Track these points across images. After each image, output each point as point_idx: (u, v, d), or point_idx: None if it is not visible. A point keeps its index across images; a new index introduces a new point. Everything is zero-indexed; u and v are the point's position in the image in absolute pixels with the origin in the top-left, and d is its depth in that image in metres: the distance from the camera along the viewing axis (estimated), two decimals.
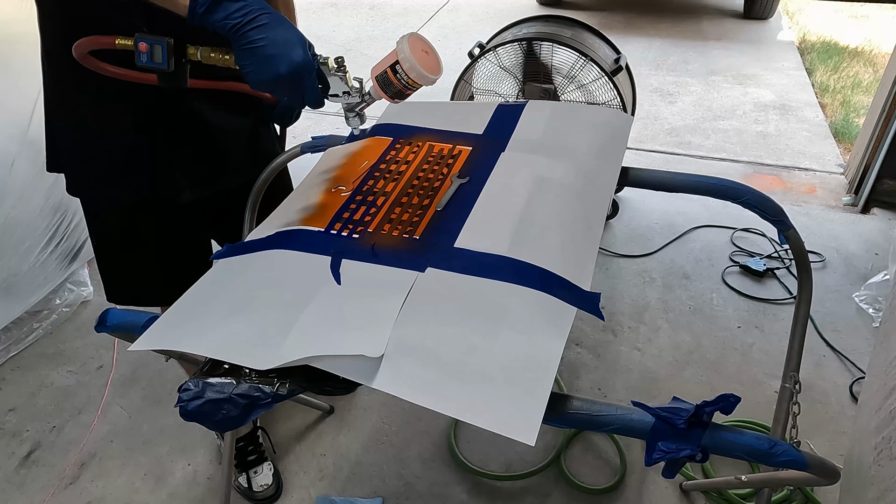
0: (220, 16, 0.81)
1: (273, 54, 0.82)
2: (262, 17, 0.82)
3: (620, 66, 2.16)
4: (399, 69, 0.83)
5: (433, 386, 0.65)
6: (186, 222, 1.25)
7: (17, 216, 1.85)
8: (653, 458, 0.66)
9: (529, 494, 1.54)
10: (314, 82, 0.87)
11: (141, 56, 0.89)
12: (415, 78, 0.83)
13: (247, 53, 0.83)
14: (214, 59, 0.90)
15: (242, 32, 0.81)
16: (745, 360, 1.88)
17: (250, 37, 0.82)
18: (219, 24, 0.81)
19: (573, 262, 0.82)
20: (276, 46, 0.82)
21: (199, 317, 0.77)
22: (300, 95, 0.87)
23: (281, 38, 0.82)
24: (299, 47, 0.84)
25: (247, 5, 0.82)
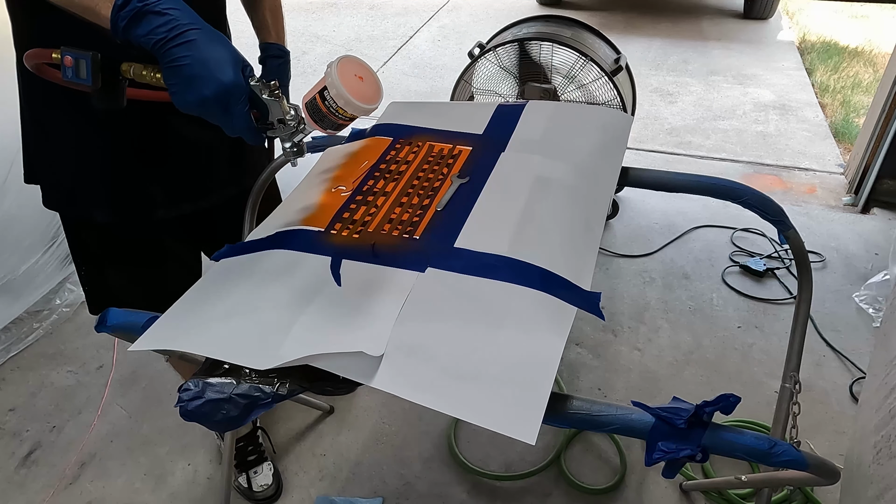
0: (143, 31, 0.72)
1: (198, 74, 0.73)
2: (191, 32, 0.73)
3: (620, 66, 2.16)
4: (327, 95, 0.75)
5: (433, 385, 0.65)
6: (166, 239, 1.22)
7: (16, 216, 1.85)
8: (653, 458, 0.66)
9: (529, 494, 1.54)
10: (244, 107, 0.76)
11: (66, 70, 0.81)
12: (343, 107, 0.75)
13: (171, 72, 0.74)
14: (147, 77, 0.81)
15: (166, 49, 0.72)
16: (745, 360, 1.88)
17: (174, 54, 0.72)
18: (143, 40, 0.73)
19: (573, 262, 0.82)
20: (203, 66, 0.73)
21: (200, 317, 0.77)
22: (229, 121, 0.77)
23: (210, 56, 0.73)
24: (229, 67, 0.74)
25: (173, 19, 0.73)
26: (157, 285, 1.22)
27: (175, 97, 0.76)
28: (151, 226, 1.16)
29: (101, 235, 1.17)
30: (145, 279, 1.23)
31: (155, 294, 1.16)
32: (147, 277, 1.23)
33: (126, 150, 1.07)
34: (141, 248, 1.20)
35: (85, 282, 1.25)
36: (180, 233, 1.23)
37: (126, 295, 1.25)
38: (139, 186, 1.10)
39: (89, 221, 1.15)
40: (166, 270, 1.24)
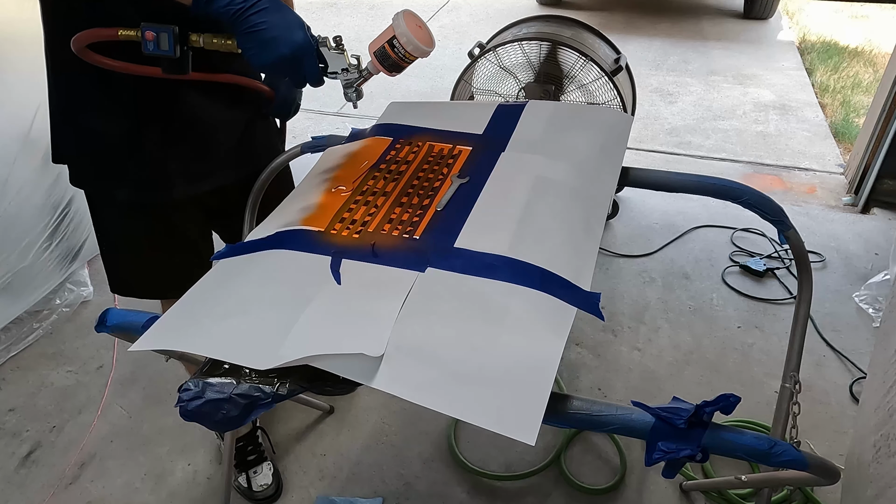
0: (223, 2, 0.85)
1: (274, 37, 0.86)
2: (262, 1, 0.86)
3: (620, 66, 2.16)
4: (396, 43, 0.88)
5: (433, 386, 0.65)
6: (183, 219, 1.25)
7: (17, 215, 1.85)
8: (653, 458, 0.66)
9: (529, 494, 1.54)
10: (314, 61, 0.91)
11: (148, 44, 0.91)
12: (411, 51, 0.88)
13: (249, 37, 0.87)
14: (217, 44, 0.93)
15: (245, 17, 0.85)
16: (745, 360, 1.88)
17: (252, 21, 0.85)
18: (222, 11, 0.85)
19: (573, 262, 0.82)
20: (277, 29, 0.86)
21: (200, 317, 0.77)
22: (301, 74, 0.91)
23: (281, 21, 0.87)
24: (299, 29, 0.88)
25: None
26: (169, 271, 1.26)
27: (253, 59, 0.89)
28: (171, 206, 1.20)
29: (121, 215, 1.22)
30: (161, 258, 1.27)
31: (167, 279, 1.25)
32: (163, 257, 1.27)
33: (149, 127, 1.11)
34: (158, 231, 1.23)
35: (105, 261, 1.31)
36: (196, 215, 1.26)
37: (140, 277, 1.29)
38: (161, 164, 1.14)
39: (112, 200, 1.20)
40: (180, 257, 1.27)
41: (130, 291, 1.32)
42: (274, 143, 1.33)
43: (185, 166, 1.16)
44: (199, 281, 0.85)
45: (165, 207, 1.20)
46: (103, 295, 2.17)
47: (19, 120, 1.82)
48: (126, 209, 1.20)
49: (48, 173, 1.94)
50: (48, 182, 1.95)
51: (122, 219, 1.22)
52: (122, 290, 1.33)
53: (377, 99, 3.65)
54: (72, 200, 2.06)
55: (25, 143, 1.84)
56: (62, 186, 2.01)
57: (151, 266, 1.28)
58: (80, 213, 2.10)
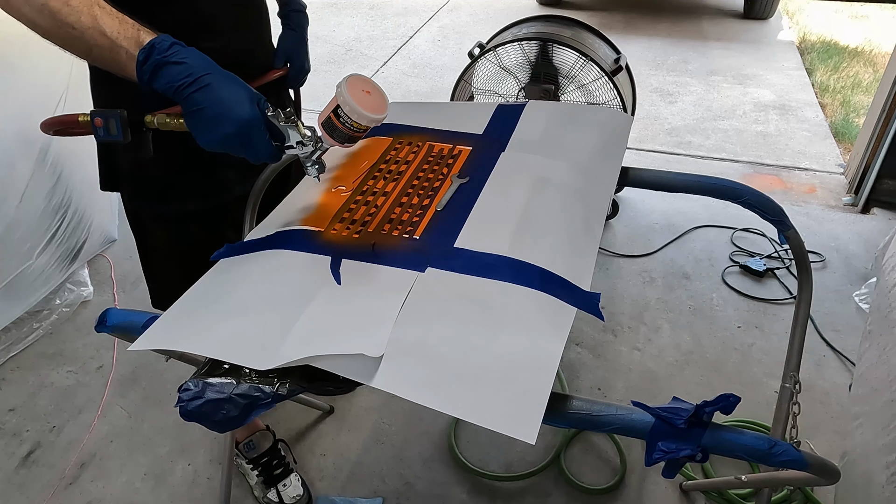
0: (163, 81, 0.79)
1: (217, 114, 0.79)
2: (205, 77, 0.79)
3: (620, 66, 2.16)
4: (342, 113, 0.81)
5: (433, 385, 0.65)
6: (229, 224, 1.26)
7: (17, 216, 1.85)
8: (653, 458, 0.66)
9: (529, 494, 1.54)
10: (264, 137, 0.82)
11: (98, 131, 0.87)
12: (357, 120, 0.81)
13: (192, 116, 0.81)
14: (171, 124, 0.88)
15: (186, 96, 0.79)
16: (745, 360, 1.88)
17: (193, 99, 0.79)
18: (165, 89, 0.79)
19: (573, 262, 0.82)
20: (221, 106, 0.79)
21: (200, 317, 0.77)
22: (253, 151, 0.83)
23: (226, 96, 0.79)
24: (245, 103, 0.80)
25: (188, 67, 0.79)
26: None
27: (199, 139, 0.82)
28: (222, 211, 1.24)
29: (172, 229, 1.25)
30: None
31: None
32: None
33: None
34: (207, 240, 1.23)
35: (151, 278, 1.35)
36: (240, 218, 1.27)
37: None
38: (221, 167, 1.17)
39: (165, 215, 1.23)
40: None
41: None
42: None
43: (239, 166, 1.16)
44: (199, 280, 0.85)
45: (218, 213, 1.23)
46: (103, 295, 2.17)
47: (19, 120, 1.81)
48: (179, 222, 1.23)
49: (48, 174, 1.94)
50: (48, 183, 1.95)
51: (173, 232, 1.25)
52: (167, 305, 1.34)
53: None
54: (72, 202, 2.06)
55: (24, 145, 1.84)
56: (62, 187, 2.01)
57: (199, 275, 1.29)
58: (79, 214, 2.11)
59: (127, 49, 0.80)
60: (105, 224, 2.30)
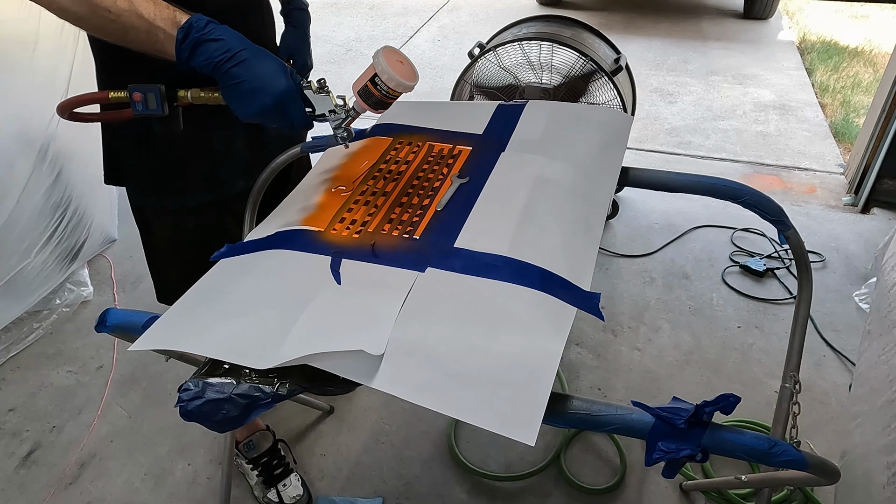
0: (203, 58, 0.84)
1: (256, 88, 0.84)
2: (242, 52, 0.84)
3: (620, 66, 2.16)
4: (378, 81, 0.87)
5: (433, 386, 0.65)
6: (231, 218, 1.27)
7: (17, 216, 1.85)
8: (653, 458, 0.66)
9: (529, 494, 1.54)
10: (300, 107, 0.89)
11: (136, 105, 0.92)
12: (394, 87, 0.87)
13: (231, 90, 0.85)
14: (204, 98, 0.93)
15: (225, 71, 0.84)
16: (745, 360, 1.88)
17: (232, 74, 0.84)
18: (203, 65, 0.84)
19: (573, 262, 0.82)
20: (259, 80, 0.84)
21: (200, 317, 0.77)
22: (288, 120, 0.89)
23: (262, 70, 0.85)
24: (281, 76, 0.86)
25: (225, 43, 0.84)
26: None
27: (237, 111, 0.87)
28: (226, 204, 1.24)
29: (177, 222, 1.26)
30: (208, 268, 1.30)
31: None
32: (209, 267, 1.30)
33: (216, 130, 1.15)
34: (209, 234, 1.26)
35: (155, 272, 1.35)
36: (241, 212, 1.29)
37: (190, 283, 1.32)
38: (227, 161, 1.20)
39: (171, 209, 1.23)
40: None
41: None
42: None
43: (244, 159, 1.20)
44: (199, 281, 0.85)
45: (222, 207, 1.24)
46: (103, 295, 2.17)
47: (18, 120, 1.81)
48: (183, 215, 1.24)
49: (47, 172, 1.94)
50: (47, 183, 1.95)
51: (176, 226, 1.26)
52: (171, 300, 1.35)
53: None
54: (72, 201, 2.06)
55: (24, 144, 1.84)
56: (61, 187, 2.01)
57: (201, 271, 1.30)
58: (80, 214, 2.11)
59: (164, 30, 0.84)
60: (105, 224, 2.30)
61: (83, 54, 1.95)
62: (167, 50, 0.85)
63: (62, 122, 1.93)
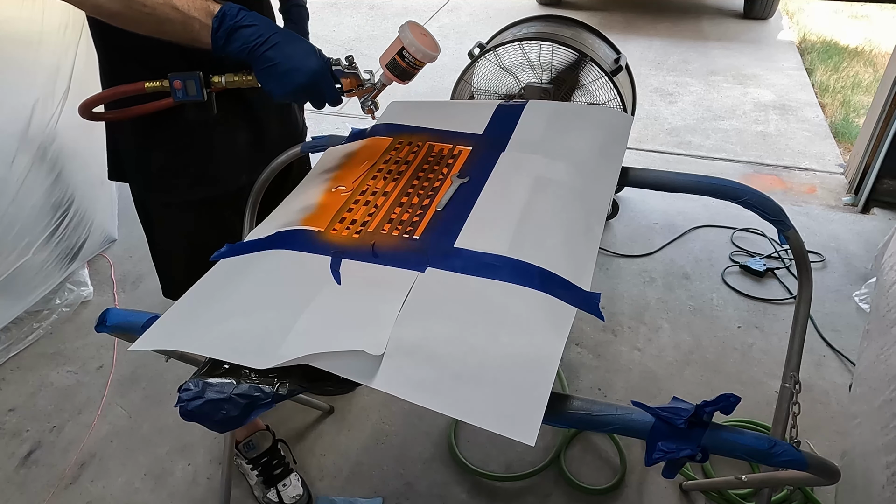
0: (238, 44, 0.89)
1: (290, 68, 0.90)
2: (274, 36, 0.90)
3: (620, 66, 2.16)
4: (406, 53, 0.95)
5: (433, 386, 0.65)
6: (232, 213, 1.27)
7: (16, 215, 1.85)
8: (653, 458, 0.66)
9: (529, 494, 1.54)
10: (331, 84, 0.96)
11: (176, 93, 0.97)
12: (420, 58, 0.95)
13: (267, 72, 0.91)
14: (238, 82, 0.99)
15: (260, 54, 0.90)
16: (745, 360, 1.88)
17: (267, 57, 0.90)
18: (239, 50, 0.90)
19: (573, 262, 0.82)
20: (292, 60, 0.90)
21: (199, 317, 0.77)
22: (321, 98, 0.95)
23: (295, 51, 0.91)
24: (313, 56, 0.92)
25: (258, 28, 0.89)
26: None
27: (273, 92, 0.93)
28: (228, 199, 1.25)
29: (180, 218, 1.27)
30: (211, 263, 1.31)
31: None
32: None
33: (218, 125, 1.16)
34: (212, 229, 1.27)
35: (160, 267, 1.37)
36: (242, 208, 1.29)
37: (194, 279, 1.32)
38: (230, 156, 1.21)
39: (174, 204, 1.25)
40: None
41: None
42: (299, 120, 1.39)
43: (246, 155, 1.22)
44: (199, 281, 0.85)
45: (223, 202, 1.25)
46: (103, 295, 2.17)
47: (19, 120, 1.81)
48: (186, 210, 1.24)
49: (47, 171, 1.94)
50: (48, 182, 1.95)
51: (180, 221, 1.27)
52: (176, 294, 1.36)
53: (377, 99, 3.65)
54: (72, 201, 2.06)
55: (24, 143, 1.84)
56: (62, 186, 2.01)
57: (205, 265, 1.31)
58: (79, 213, 2.11)
59: (199, 19, 0.89)
60: (105, 224, 2.30)
61: (85, 54, 1.96)
62: (202, 39, 0.90)
63: (63, 122, 1.94)
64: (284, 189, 1.13)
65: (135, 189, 1.26)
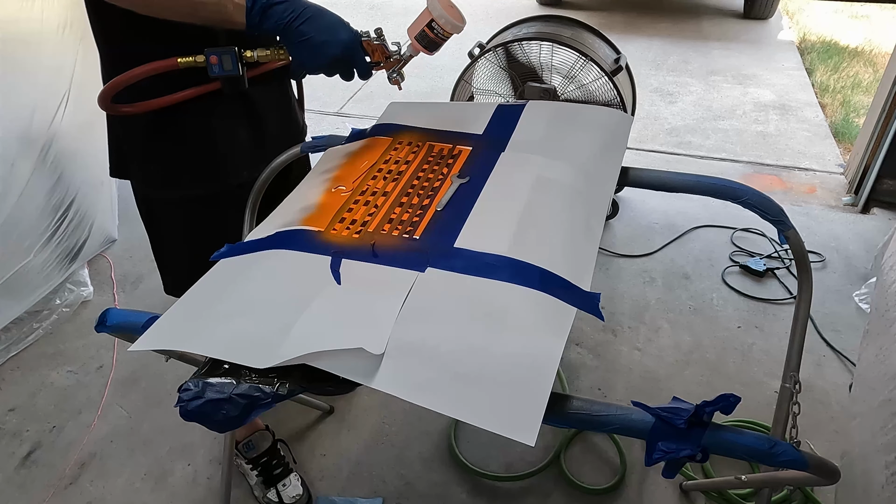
0: (273, 21, 0.93)
1: (323, 41, 0.94)
2: (306, 11, 0.94)
3: (620, 66, 2.16)
4: (435, 25, 0.98)
5: (433, 386, 0.65)
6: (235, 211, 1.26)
7: (17, 216, 1.85)
8: (653, 458, 0.66)
9: (529, 494, 1.54)
10: (362, 56, 0.99)
11: (213, 68, 1.00)
12: (449, 29, 0.98)
13: (301, 45, 0.95)
14: (270, 55, 1.02)
15: (294, 28, 0.93)
16: (745, 360, 1.88)
17: (301, 30, 0.93)
18: (274, 26, 0.94)
19: (573, 262, 0.82)
20: (325, 34, 0.94)
21: (200, 317, 0.77)
22: (352, 70, 0.99)
23: (326, 25, 0.95)
24: (343, 29, 0.96)
25: (291, 4, 0.93)
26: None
27: (307, 63, 0.97)
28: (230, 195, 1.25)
29: (182, 214, 1.27)
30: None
31: None
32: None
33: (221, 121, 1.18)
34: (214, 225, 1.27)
35: (162, 264, 1.37)
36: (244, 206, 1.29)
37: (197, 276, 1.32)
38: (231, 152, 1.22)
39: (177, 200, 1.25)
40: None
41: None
42: (298, 118, 1.39)
43: (248, 150, 1.23)
44: (199, 281, 0.85)
45: (225, 197, 1.25)
46: (103, 295, 2.17)
47: (19, 120, 1.81)
48: (188, 206, 1.25)
49: (48, 172, 1.94)
50: (48, 183, 1.95)
51: (182, 217, 1.27)
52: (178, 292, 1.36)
53: (377, 99, 3.64)
54: (73, 201, 2.06)
55: (24, 144, 1.84)
56: (62, 187, 2.01)
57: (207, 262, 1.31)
58: (79, 214, 2.11)
59: (232, 0, 0.92)
60: (105, 224, 2.30)
61: (86, 54, 1.95)
62: (236, 19, 0.93)
63: (64, 122, 1.94)
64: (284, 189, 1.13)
65: (137, 185, 1.26)
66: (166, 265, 1.37)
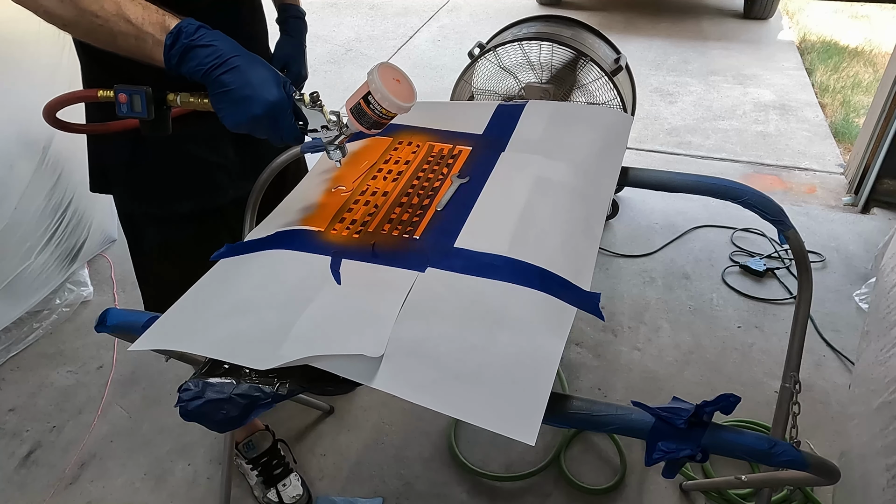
0: (192, 64, 0.80)
1: (246, 96, 0.80)
2: (234, 59, 0.80)
3: (620, 66, 2.16)
4: (372, 100, 0.81)
5: (433, 386, 0.65)
6: (224, 225, 1.26)
7: (17, 217, 1.85)
8: (653, 458, 0.66)
9: (529, 494, 1.54)
10: (291, 119, 0.84)
11: (121, 107, 0.87)
12: (387, 107, 0.81)
13: (220, 97, 0.81)
14: (194, 103, 0.88)
15: (215, 77, 0.80)
16: (745, 360, 1.88)
17: (222, 81, 0.80)
18: (194, 71, 0.81)
19: (573, 262, 0.82)
20: (250, 88, 0.80)
21: (200, 317, 0.77)
22: (279, 134, 0.84)
23: (254, 78, 0.81)
24: (273, 86, 0.81)
25: (216, 50, 0.80)
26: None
27: (226, 119, 0.82)
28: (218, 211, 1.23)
29: (167, 230, 1.24)
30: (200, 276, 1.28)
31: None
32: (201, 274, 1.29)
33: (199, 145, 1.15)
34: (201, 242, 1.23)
35: (145, 283, 1.34)
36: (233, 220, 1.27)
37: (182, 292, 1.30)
38: (218, 169, 1.19)
39: (161, 216, 1.22)
40: None
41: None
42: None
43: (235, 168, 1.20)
44: (199, 281, 0.85)
45: (212, 216, 1.22)
46: (103, 295, 2.17)
47: (19, 121, 1.81)
48: (172, 224, 1.22)
49: (48, 174, 1.94)
50: (48, 183, 1.95)
51: (166, 235, 1.24)
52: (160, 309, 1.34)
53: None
54: (72, 202, 2.06)
55: (24, 145, 1.84)
56: (62, 188, 2.01)
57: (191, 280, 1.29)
58: (79, 214, 2.10)
59: (153, 35, 0.81)
60: (105, 224, 2.29)
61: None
62: (156, 56, 0.82)
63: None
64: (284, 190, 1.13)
65: (119, 201, 1.23)
66: (147, 281, 1.34)
